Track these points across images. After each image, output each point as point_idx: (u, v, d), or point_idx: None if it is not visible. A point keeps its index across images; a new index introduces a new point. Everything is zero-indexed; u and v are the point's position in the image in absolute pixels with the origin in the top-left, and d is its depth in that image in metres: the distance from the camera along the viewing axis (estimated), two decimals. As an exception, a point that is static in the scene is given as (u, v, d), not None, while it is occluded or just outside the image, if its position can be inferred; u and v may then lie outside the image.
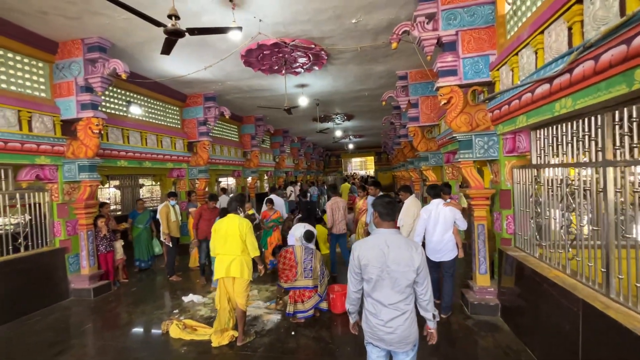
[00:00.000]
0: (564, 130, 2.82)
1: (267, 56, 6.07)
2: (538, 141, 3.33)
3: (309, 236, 4.77)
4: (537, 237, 3.38)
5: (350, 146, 21.96)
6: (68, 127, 5.34)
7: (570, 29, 2.40)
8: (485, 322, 3.78)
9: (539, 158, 3.34)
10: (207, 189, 8.90)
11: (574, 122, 2.67)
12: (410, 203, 4.73)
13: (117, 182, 9.81)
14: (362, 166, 29.21)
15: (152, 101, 7.62)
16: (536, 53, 2.90)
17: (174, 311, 4.52)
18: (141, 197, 10.11)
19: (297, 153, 17.72)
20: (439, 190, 4.14)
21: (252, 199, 12.59)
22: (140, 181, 10.91)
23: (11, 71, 4.68)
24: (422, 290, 2.03)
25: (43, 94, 5.10)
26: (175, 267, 6.10)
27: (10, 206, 4.77)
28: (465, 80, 3.98)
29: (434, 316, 2.08)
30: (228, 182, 13.62)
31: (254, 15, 4.58)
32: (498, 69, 3.76)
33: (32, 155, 4.78)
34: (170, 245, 6.03)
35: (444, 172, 7.35)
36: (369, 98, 10.00)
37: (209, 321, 4.10)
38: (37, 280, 4.78)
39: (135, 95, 7.07)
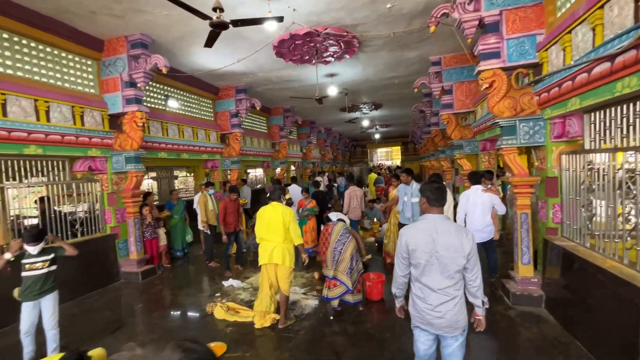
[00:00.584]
0: (624, 112, 2.64)
1: (299, 46, 6.08)
2: (592, 125, 3.14)
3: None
4: (589, 226, 3.22)
5: (377, 136, 21.63)
6: (115, 121, 5.67)
7: (637, 1, 2.22)
8: (528, 313, 3.67)
9: (592, 142, 3.16)
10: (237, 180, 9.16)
11: (638, 103, 2.49)
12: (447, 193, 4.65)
13: (154, 174, 10.32)
14: (387, 156, 28.72)
15: (187, 95, 7.89)
16: (594, 30, 2.72)
17: (216, 294, 4.76)
18: (175, 188, 10.56)
19: (323, 144, 17.74)
20: (480, 177, 4.06)
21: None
22: (175, 172, 11.39)
23: (65, 69, 5.02)
24: (471, 277, 2.01)
25: (92, 90, 5.43)
26: (212, 254, 6.37)
27: (67, 195, 5.18)
28: (509, 62, 3.80)
29: (483, 303, 2.06)
30: (255, 173, 13.92)
31: (288, 5, 4.60)
32: (547, 49, 3.56)
33: (85, 148, 5.14)
34: (209, 233, 6.30)
35: (479, 161, 7.10)
36: (399, 86, 9.77)
37: (249, 304, 4.27)
38: (92, 264, 5.18)
39: (172, 90, 7.36)
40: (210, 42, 4.06)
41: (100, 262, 5.37)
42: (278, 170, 12.57)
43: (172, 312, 4.31)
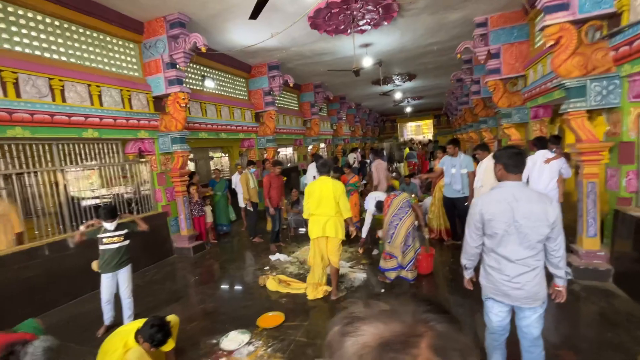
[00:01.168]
0: None
1: (335, 15, 5.81)
2: (686, 79, 2.76)
3: (379, 207, 4.72)
4: (675, 194, 2.92)
5: (408, 109, 20.85)
6: (158, 103, 5.82)
7: None
8: (594, 288, 3.47)
9: (685, 100, 2.79)
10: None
11: None
12: (490, 162, 4.37)
13: (191, 155, 10.64)
14: (416, 131, 27.70)
15: (221, 74, 7.92)
16: (700, -36, 2.32)
17: (265, 268, 4.93)
18: (214, 167, 10.88)
19: (353, 120, 17.37)
20: (546, 142, 3.84)
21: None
22: (210, 154, 11.70)
23: (110, 54, 5.16)
24: (554, 247, 1.89)
25: (137, 74, 5.57)
26: (256, 230, 6.57)
27: (123, 177, 5.48)
28: (580, 14, 3.40)
29: (566, 273, 1.95)
30: (285, 152, 13.97)
31: (326, -31, 4.36)
32: (629, -4, 3.12)
33: (135, 130, 5.35)
34: (251, 210, 6.48)
35: (529, 130, 6.62)
36: (437, 53, 9.20)
37: (298, 277, 4.40)
38: (148, 240, 5.50)
39: (207, 70, 7.40)
40: (256, 13, 3.96)
41: (155, 239, 5.71)
42: (310, 147, 12.55)
43: (226, 284, 4.55)
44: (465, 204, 4.77)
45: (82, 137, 4.57)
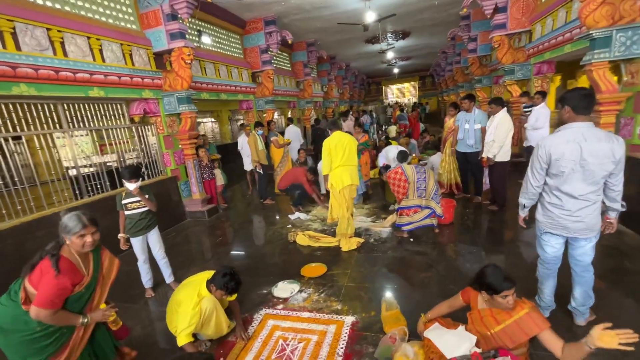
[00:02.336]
0: None
1: (345, -38, 5.47)
2: None
3: (404, 156, 4.86)
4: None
5: (396, 70, 20.59)
6: (160, 60, 5.43)
7: None
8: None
9: None
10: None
11: None
12: (503, 117, 4.49)
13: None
14: (399, 94, 27.61)
15: (216, 29, 7.40)
16: None
17: (287, 226, 5.03)
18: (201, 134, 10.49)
19: (341, 82, 17.00)
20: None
21: (308, 130, 12.69)
22: (198, 120, 11.22)
23: (106, 2, 4.66)
24: (615, 182, 2.05)
25: (134, 26, 5.11)
26: (267, 192, 6.58)
27: (128, 140, 5.21)
28: (613, -39, 3.40)
29: (622, 206, 2.14)
30: (276, 116, 13.58)
31: None
32: (664, -59, 3.14)
33: (139, 89, 5.01)
34: (261, 172, 6.43)
35: (531, 86, 6.80)
36: (437, 9, 8.99)
37: (325, 233, 4.53)
38: (160, 205, 5.32)
39: (201, 24, 6.88)
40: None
41: (167, 204, 5.59)
42: (311, 112, 12.27)
43: (256, 242, 4.62)
44: (479, 158, 4.95)
45: (88, 97, 4.24)
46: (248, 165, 7.04)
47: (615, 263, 3.09)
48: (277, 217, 5.57)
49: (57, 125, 4.14)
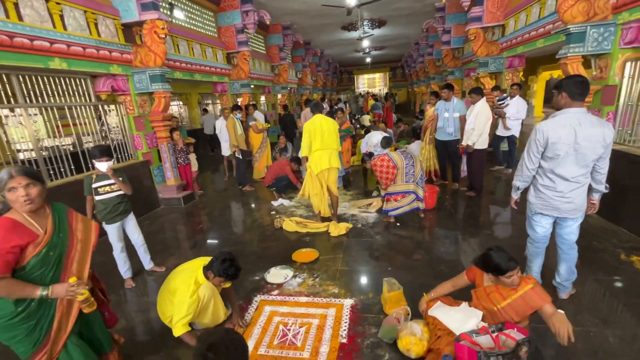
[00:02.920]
0: None
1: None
2: (678, 27, 3.18)
3: (387, 141, 4.92)
4: (649, 129, 3.51)
5: (368, 60, 20.68)
6: (129, 33, 4.97)
7: None
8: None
9: (673, 46, 3.25)
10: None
11: None
12: (482, 106, 4.66)
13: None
14: (370, 84, 27.90)
15: (188, 3, 6.90)
16: None
17: (271, 212, 4.91)
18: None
19: (315, 69, 16.78)
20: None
21: (282, 115, 12.44)
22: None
23: (65, -38, 4.13)
24: (603, 165, 2.20)
25: (98, -8, 4.59)
26: (246, 178, 6.37)
27: (95, 118, 4.74)
28: (591, -41, 3.59)
29: (605, 187, 2.30)
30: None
31: None
32: (637, -57, 3.36)
33: (106, 64, 4.55)
34: (240, 157, 6.19)
35: (502, 79, 7.14)
36: (414, -2, 9.06)
37: (310, 219, 4.48)
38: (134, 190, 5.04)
39: (174, -3, 6.38)
40: None
41: (138, 189, 5.17)
42: (279, 96, 11.96)
43: (240, 229, 4.47)
44: (457, 146, 5.14)
45: (48, 68, 3.77)
46: (226, 151, 6.76)
47: (586, 243, 3.36)
48: (259, 204, 5.42)
49: (11, 100, 3.65)
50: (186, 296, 2.17)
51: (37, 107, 3.94)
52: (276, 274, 3.13)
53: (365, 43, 14.40)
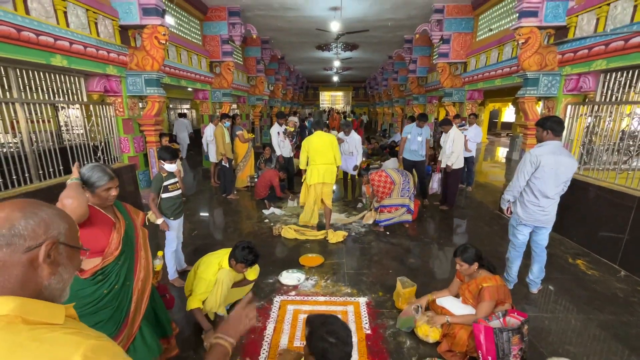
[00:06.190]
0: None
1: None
2: (606, 82, 4.13)
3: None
4: (585, 159, 4.41)
5: (335, 79, 21.65)
6: (124, 35, 4.89)
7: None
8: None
9: (602, 97, 4.19)
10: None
11: (655, 68, 3.46)
12: (456, 132, 5.41)
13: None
14: (332, 101, 29.06)
15: (176, 10, 6.90)
16: (635, 7, 3.51)
17: (265, 220, 5.06)
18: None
19: (286, 82, 17.16)
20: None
21: (257, 126, 12.53)
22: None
23: (70, -41, 4.04)
24: (566, 186, 2.84)
25: (99, -8, 4.51)
26: (232, 187, 6.41)
27: (86, 117, 4.55)
28: (545, 22, 4.50)
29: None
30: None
31: None
32: (577, 15, 4.32)
33: (104, 64, 4.44)
34: (227, 166, 6.24)
35: (464, 108, 8.15)
36: (387, 29, 9.94)
37: (305, 228, 4.74)
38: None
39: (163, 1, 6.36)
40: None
41: (121, 194, 5.01)
42: (260, 108, 12.05)
43: (238, 235, 4.53)
44: (427, 166, 5.79)
45: (50, 64, 3.63)
46: (214, 157, 6.74)
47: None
48: (249, 212, 5.53)
49: (7, 94, 3.44)
50: (208, 274, 2.43)
51: (32, 102, 3.73)
52: (289, 277, 3.33)
53: (336, 63, 15.18)
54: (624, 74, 3.83)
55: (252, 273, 2.80)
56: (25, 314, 0.62)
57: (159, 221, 2.97)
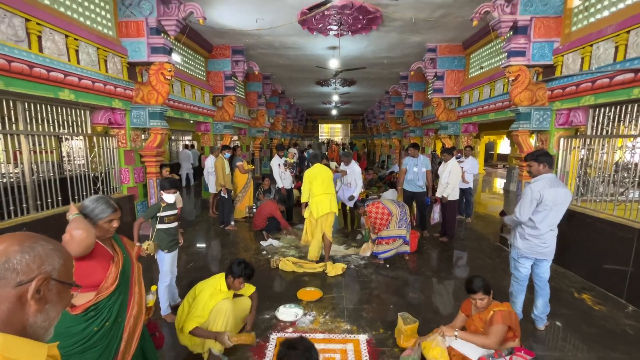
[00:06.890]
0: (629, 109, 3.74)
1: (326, 16, 6.19)
2: (595, 117, 4.27)
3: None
4: (582, 190, 4.45)
5: (334, 112, 22.29)
6: (132, 70, 5.11)
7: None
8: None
9: (593, 130, 4.31)
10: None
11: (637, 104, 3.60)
12: (454, 164, 5.50)
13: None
14: (331, 133, 29.68)
15: (183, 49, 7.26)
16: (617, 47, 3.72)
17: (262, 252, 4.97)
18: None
19: (286, 115, 17.66)
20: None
21: (256, 158, 12.70)
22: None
23: (86, 3, 4.32)
24: (562, 217, 2.84)
25: (110, 32, 4.78)
26: (230, 218, 6.37)
27: (89, 149, 4.62)
28: (532, 61, 4.74)
29: None
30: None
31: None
32: (563, 55, 4.57)
33: (110, 98, 4.60)
34: (226, 197, 6.25)
35: (459, 140, 8.33)
36: (383, 66, 10.41)
37: (303, 259, 4.64)
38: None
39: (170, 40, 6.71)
40: None
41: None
42: (260, 140, 12.31)
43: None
44: (427, 197, 5.79)
45: (57, 98, 3.76)
46: (214, 188, 6.76)
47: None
48: (247, 244, 5.45)
49: (14, 126, 3.53)
50: (205, 296, 2.40)
51: (38, 135, 3.81)
52: (286, 312, 3.22)
53: (335, 97, 15.73)
54: (612, 109, 3.97)
55: (249, 288, 2.83)
56: (7, 352, 0.59)
57: (148, 244, 2.91)
